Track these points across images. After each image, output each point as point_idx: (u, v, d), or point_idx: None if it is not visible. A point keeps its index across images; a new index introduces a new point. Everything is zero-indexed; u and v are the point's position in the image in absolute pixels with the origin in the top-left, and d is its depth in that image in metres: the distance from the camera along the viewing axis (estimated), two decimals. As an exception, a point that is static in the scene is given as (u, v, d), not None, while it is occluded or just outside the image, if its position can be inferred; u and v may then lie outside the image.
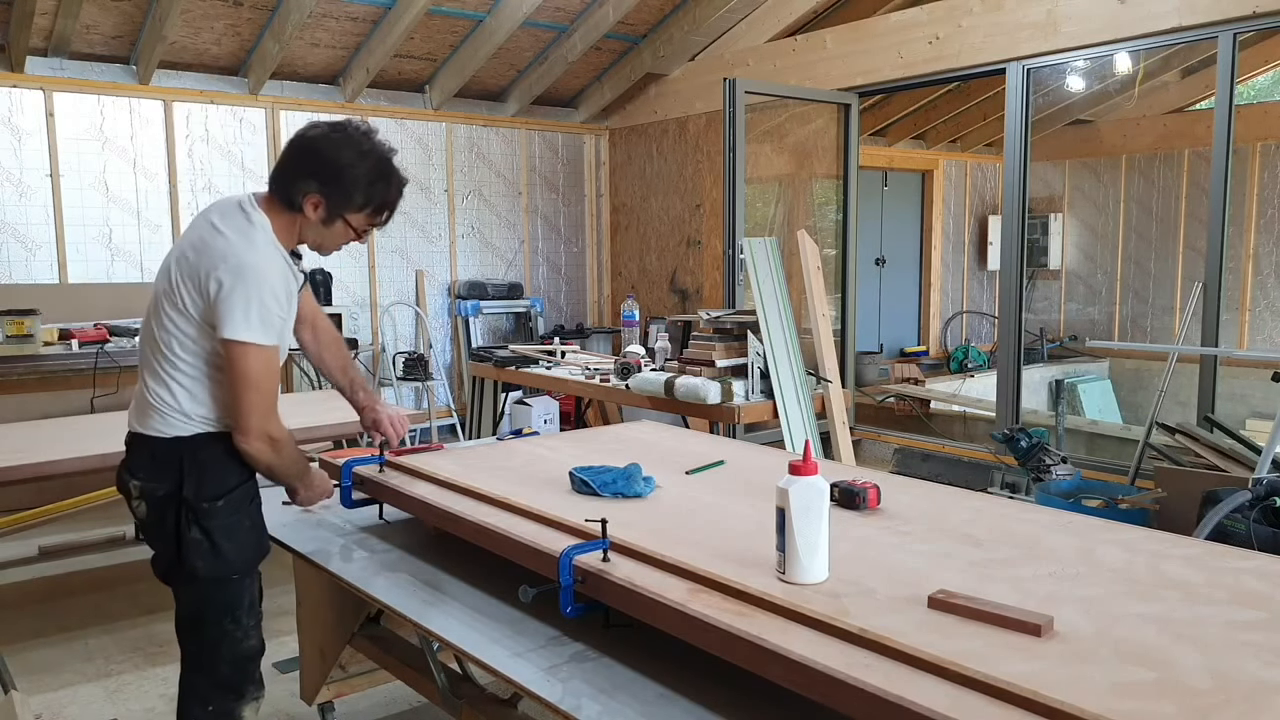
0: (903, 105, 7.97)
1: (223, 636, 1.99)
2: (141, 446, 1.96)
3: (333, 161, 1.88)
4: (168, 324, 1.88)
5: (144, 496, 1.95)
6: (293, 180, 1.90)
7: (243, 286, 1.81)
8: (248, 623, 2.02)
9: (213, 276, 1.82)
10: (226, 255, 1.83)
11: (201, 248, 1.86)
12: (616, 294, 7.55)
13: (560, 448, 2.51)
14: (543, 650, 1.71)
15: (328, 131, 1.92)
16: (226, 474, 1.95)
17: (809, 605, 1.39)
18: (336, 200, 1.90)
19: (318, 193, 1.89)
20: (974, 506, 1.94)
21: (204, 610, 1.99)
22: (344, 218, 1.93)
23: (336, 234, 1.97)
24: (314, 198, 1.90)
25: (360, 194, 1.91)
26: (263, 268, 1.84)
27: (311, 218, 1.92)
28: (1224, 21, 4.29)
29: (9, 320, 4.20)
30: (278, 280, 1.87)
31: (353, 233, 1.97)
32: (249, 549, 2.00)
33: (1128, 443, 5.67)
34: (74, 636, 3.45)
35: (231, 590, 1.98)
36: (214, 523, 1.92)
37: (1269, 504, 2.96)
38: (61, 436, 3.35)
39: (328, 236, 1.97)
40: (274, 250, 1.89)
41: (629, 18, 6.15)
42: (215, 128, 5.85)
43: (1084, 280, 9.13)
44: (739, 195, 5.41)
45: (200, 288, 1.83)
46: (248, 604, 2.02)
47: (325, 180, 1.88)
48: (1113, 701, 1.10)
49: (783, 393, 3.78)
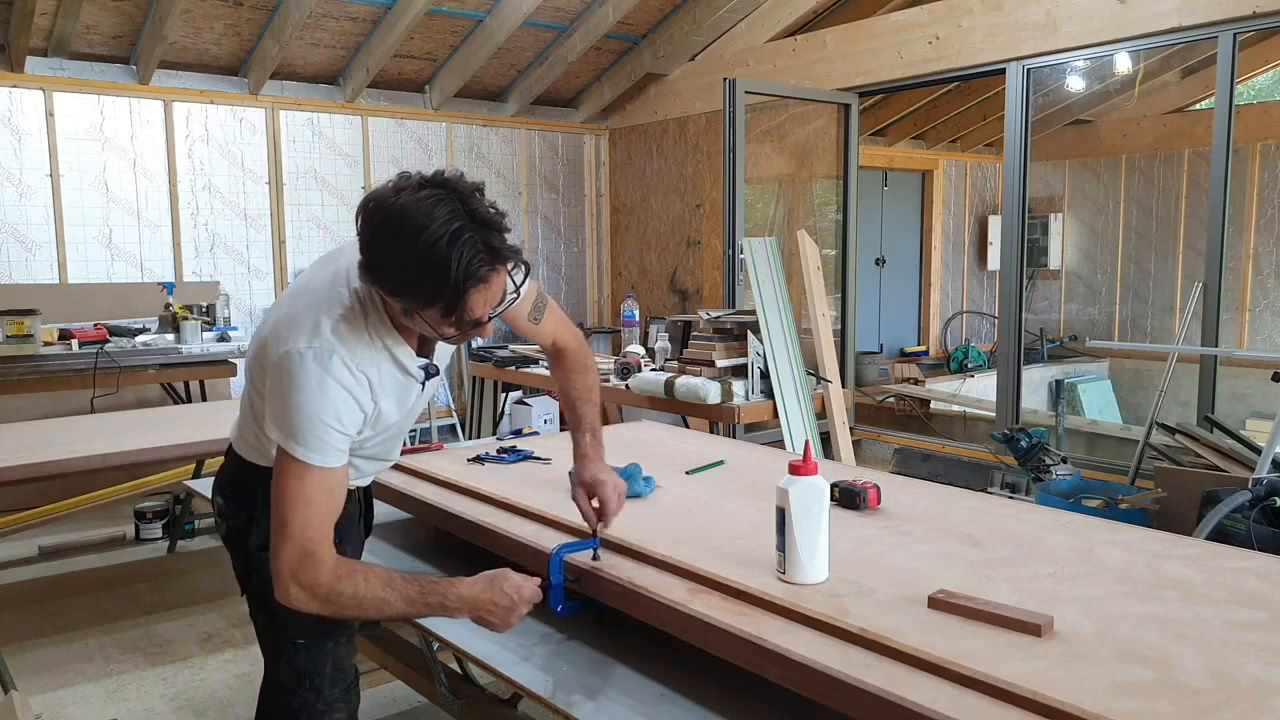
0: (903, 105, 7.97)
1: (301, 706, 1.68)
2: (230, 462, 1.75)
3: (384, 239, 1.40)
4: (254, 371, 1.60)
5: (224, 518, 1.74)
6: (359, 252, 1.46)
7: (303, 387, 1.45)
8: (331, 692, 1.69)
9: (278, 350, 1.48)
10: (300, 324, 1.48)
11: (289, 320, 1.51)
12: (616, 294, 7.55)
13: (560, 448, 2.51)
14: (542, 650, 1.71)
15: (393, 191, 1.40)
16: None
17: (809, 605, 1.39)
18: (395, 295, 1.45)
19: (375, 284, 1.46)
20: (974, 506, 1.94)
21: (277, 670, 1.70)
22: (420, 315, 1.45)
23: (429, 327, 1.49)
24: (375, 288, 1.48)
25: (416, 286, 1.39)
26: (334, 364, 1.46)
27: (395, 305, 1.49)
28: (1224, 21, 4.29)
29: (9, 320, 4.20)
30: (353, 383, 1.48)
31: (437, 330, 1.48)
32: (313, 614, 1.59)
33: (1128, 443, 5.67)
34: (74, 636, 3.45)
35: (306, 655, 1.67)
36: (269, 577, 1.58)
37: (1269, 504, 2.96)
38: (61, 436, 3.34)
39: (422, 326, 1.49)
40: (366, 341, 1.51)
41: (629, 18, 6.15)
42: (215, 128, 5.85)
43: (1084, 280, 9.13)
44: (739, 195, 5.41)
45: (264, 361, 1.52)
46: (329, 670, 1.68)
47: (374, 272, 1.43)
48: (1113, 701, 1.10)
49: (783, 393, 3.78)
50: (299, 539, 1.45)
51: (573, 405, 1.90)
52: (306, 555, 1.45)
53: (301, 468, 1.45)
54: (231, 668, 3.17)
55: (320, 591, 1.46)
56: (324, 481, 1.47)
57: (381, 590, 1.49)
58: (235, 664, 3.20)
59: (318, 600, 1.47)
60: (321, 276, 1.57)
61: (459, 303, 1.39)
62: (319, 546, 1.46)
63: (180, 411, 4.24)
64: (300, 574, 1.45)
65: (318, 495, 1.46)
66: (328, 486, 1.48)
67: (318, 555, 1.46)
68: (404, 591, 1.51)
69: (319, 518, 1.47)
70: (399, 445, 1.82)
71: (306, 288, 1.57)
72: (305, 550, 1.45)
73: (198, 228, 5.83)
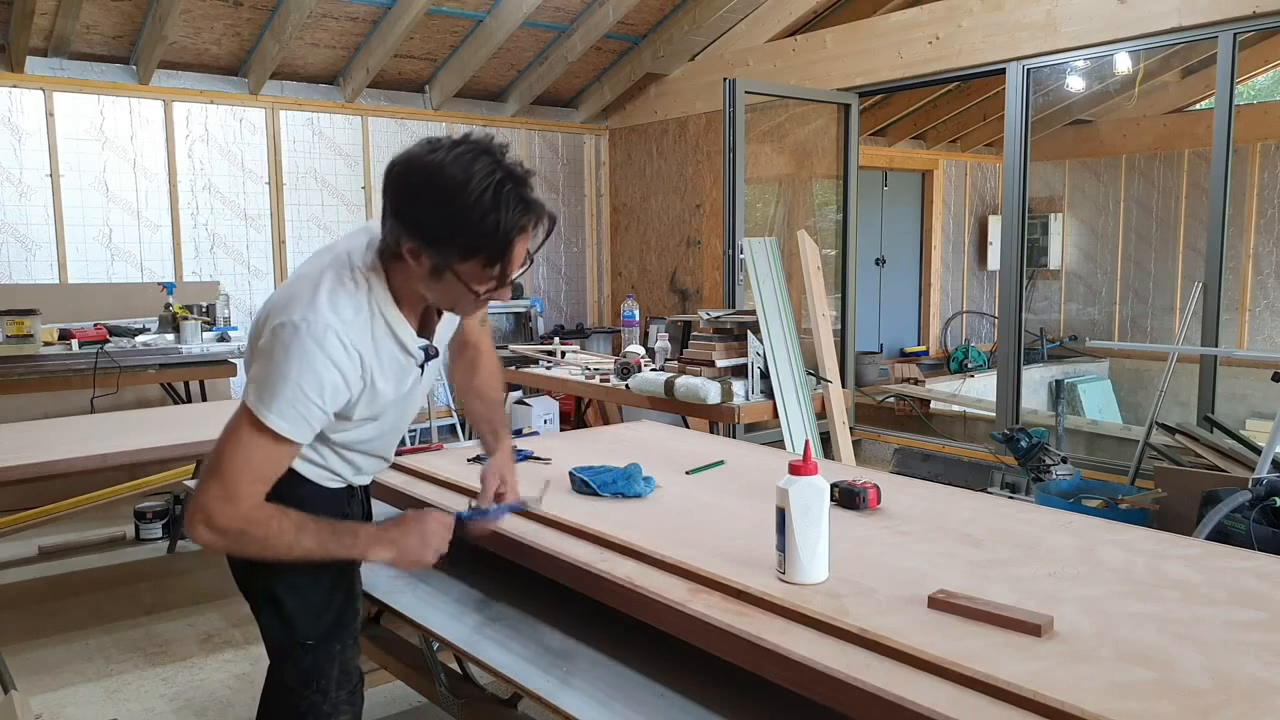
0: (903, 105, 7.97)
1: (308, 708, 1.66)
2: None
3: (426, 205, 1.40)
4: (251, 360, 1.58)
5: None
6: (390, 222, 1.46)
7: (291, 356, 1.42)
8: (337, 694, 1.68)
9: (271, 320, 1.47)
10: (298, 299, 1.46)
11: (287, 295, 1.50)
12: (616, 294, 7.55)
13: (560, 448, 2.51)
14: (542, 650, 1.71)
15: (427, 151, 1.41)
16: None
17: (809, 605, 1.39)
18: (433, 246, 1.42)
19: (412, 238, 1.43)
20: (974, 506, 1.94)
21: (282, 673, 1.69)
22: (453, 270, 1.43)
23: (452, 291, 1.48)
24: (409, 244, 1.44)
25: (464, 236, 1.39)
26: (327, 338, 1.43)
27: (416, 270, 1.46)
28: (1224, 21, 4.29)
29: (9, 320, 4.19)
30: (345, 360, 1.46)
31: (469, 289, 1.46)
32: (326, 613, 1.64)
33: (1128, 443, 5.67)
34: (74, 636, 3.45)
35: (313, 657, 1.66)
36: (279, 581, 1.60)
37: (1269, 504, 2.96)
38: (61, 436, 3.34)
39: (443, 294, 1.50)
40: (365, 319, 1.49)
41: (629, 18, 6.15)
42: (215, 127, 5.85)
43: (1084, 280, 9.13)
44: (739, 195, 5.41)
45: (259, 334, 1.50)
46: (336, 672, 1.67)
47: (414, 220, 1.42)
48: (1113, 701, 1.10)
49: (783, 393, 3.78)
50: (228, 483, 1.43)
51: (492, 403, 1.95)
52: (228, 500, 1.43)
53: (262, 430, 1.43)
54: (231, 668, 3.17)
55: (228, 535, 1.45)
56: (277, 451, 1.46)
57: (293, 534, 1.48)
58: (235, 664, 3.20)
59: (224, 539, 1.46)
60: (319, 262, 1.56)
61: (505, 252, 1.41)
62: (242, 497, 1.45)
63: (180, 411, 4.24)
64: (215, 515, 1.43)
65: (265, 461, 1.46)
66: (277, 457, 1.47)
67: (238, 495, 1.44)
68: (316, 533, 1.50)
69: (254, 478, 1.46)
70: (396, 441, 1.81)
71: (304, 274, 1.55)
72: (229, 495, 1.43)
73: (198, 228, 5.83)
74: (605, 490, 2.03)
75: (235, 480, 1.44)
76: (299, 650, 1.65)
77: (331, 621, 1.66)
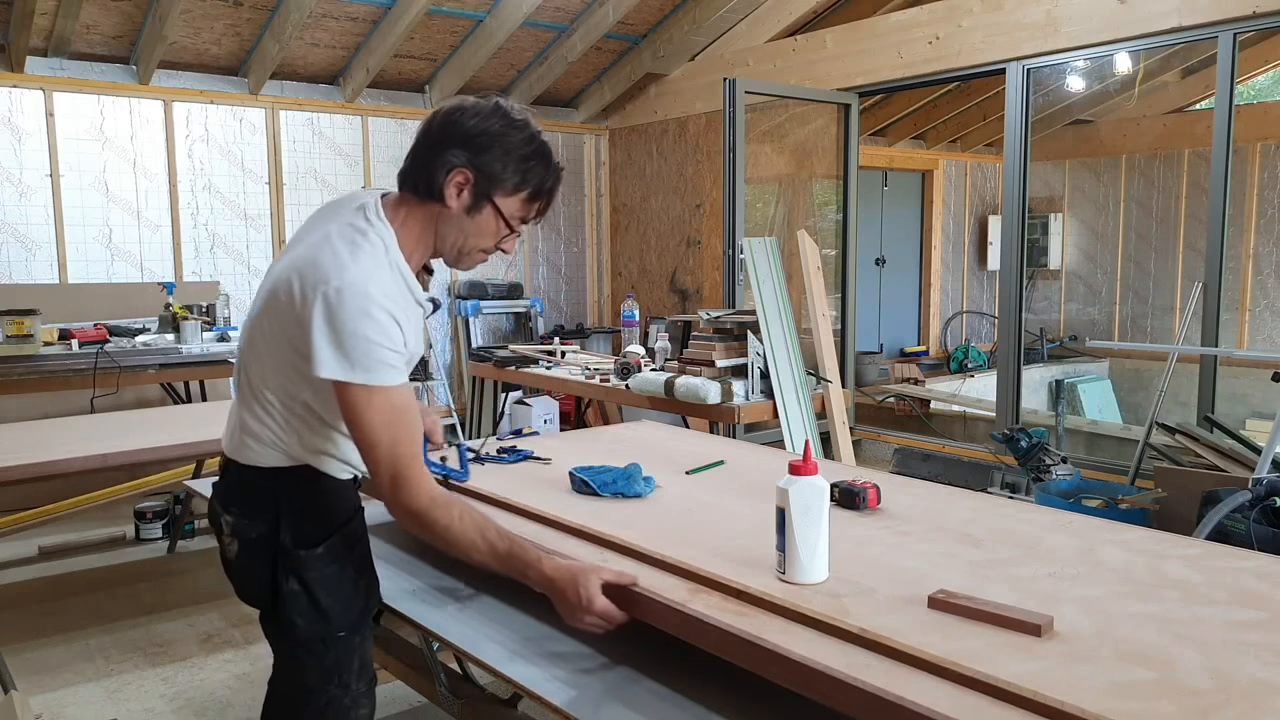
0: (903, 105, 7.97)
1: (328, 703, 1.68)
2: (235, 476, 1.68)
3: (484, 129, 1.57)
4: (261, 347, 1.60)
5: (236, 536, 1.66)
6: (436, 155, 1.57)
7: (337, 315, 1.47)
8: (358, 687, 1.71)
9: (308, 298, 1.49)
10: (327, 275, 1.50)
11: (305, 261, 1.53)
12: (616, 294, 7.55)
13: (559, 448, 2.51)
14: (542, 650, 1.71)
15: (476, 101, 1.61)
16: (327, 515, 1.65)
17: (809, 605, 1.39)
18: (487, 175, 1.56)
19: (466, 166, 1.55)
20: (974, 506, 1.94)
21: (305, 672, 1.68)
22: (494, 202, 1.58)
23: (484, 228, 1.61)
24: (461, 173, 1.56)
25: (514, 169, 1.58)
26: (371, 289, 1.49)
27: (454, 206, 1.58)
28: (1224, 21, 4.29)
29: (9, 320, 4.19)
30: (383, 309, 1.51)
31: (503, 225, 1.61)
32: (355, 601, 1.69)
33: (1128, 443, 5.67)
34: (74, 636, 3.45)
35: (338, 650, 1.68)
36: (313, 574, 1.62)
37: (1269, 504, 2.96)
38: (61, 436, 3.34)
39: (472, 233, 1.61)
40: (388, 273, 1.55)
41: (629, 18, 6.15)
42: (215, 127, 5.85)
43: (1084, 280, 9.13)
44: (739, 195, 5.41)
45: (295, 310, 1.52)
46: (357, 665, 1.71)
47: (476, 149, 1.55)
48: (1113, 701, 1.10)
49: (783, 393, 3.78)
50: (388, 464, 1.52)
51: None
52: (398, 478, 1.52)
53: (368, 393, 1.49)
54: (231, 668, 3.17)
55: (416, 517, 1.54)
56: (393, 399, 1.52)
57: (473, 534, 1.57)
58: (235, 664, 3.20)
59: (416, 524, 1.56)
60: (327, 225, 1.60)
61: (552, 190, 1.64)
62: (408, 468, 1.53)
63: (180, 411, 4.24)
64: (398, 498, 1.53)
65: (392, 415, 1.51)
66: (400, 404, 1.53)
67: (408, 477, 1.53)
68: (494, 544, 1.58)
69: (402, 436, 1.52)
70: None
71: (318, 239, 1.58)
72: (396, 473, 1.52)
73: (198, 228, 5.84)
74: (605, 490, 2.03)
75: (391, 450, 1.52)
76: (325, 645, 1.67)
77: (360, 610, 1.71)
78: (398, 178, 1.64)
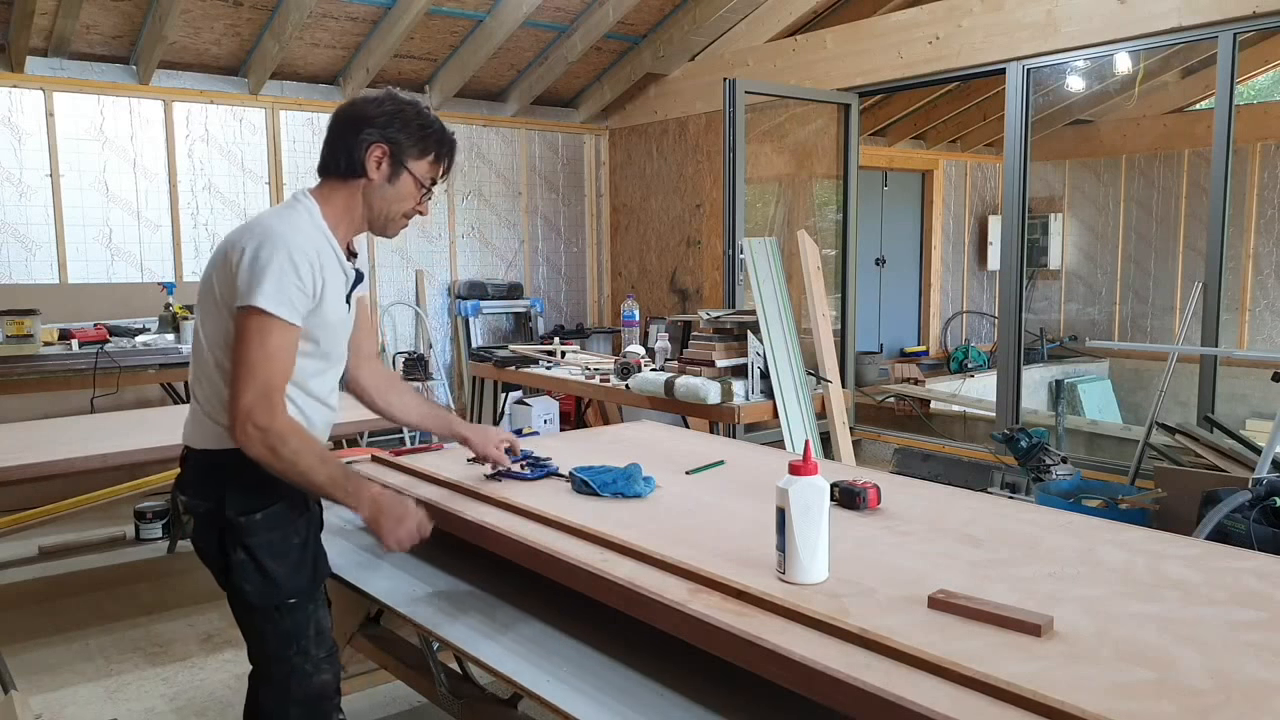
0: (903, 105, 7.97)
1: (290, 671, 1.78)
2: (190, 461, 1.83)
3: (385, 110, 1.80)
4: (206, 323, 1.75)
5: (191, 514, 1.82)
6: (351, 137, 1.79)
7: (266, 251, 1.66)
8: (317, 653, 1.80)
9: (236, 247, 1.69)
10: (254, 227, 1.72)
11: (240, 230, 1.75)
12: (616, 294, 7.55)
13: (560, 448, 2.50)
14: (542, 650, 1.71)
15: (369, 91, 1.86)
16: (268, 486, 1.73)
17: (809, 605, 1.39)
18: (398, 145, 1.79)
19: (380, 139, 1.78)
20: (974, 506, 1.94)
21: (264, 641, 1.80)
22: (407, 167, 1.81)
23: (404, 192, 1.83)
24: (379, 147, 1.78)
25: (418, 137, 1.81)
26: (291, 235, 1.70)
27: (375, 176, 1.80)
28: (1224, 21, 4.29)
29: (9, 320, 4.19)
30: (309, 249, 1.71)
31: (419, 187, 1.84)
32: (302, 570, 1.79)
33: (1128, 443, 5.67)
34: (74, 636, 3.45)
35: (293, 617, 1.78)
36: (255, 540, 1.74)
37: (1269, 504, 2.96)
38: (61, 436, 3.35)
39: (394, 198, 1.83)
40: (314, 229, 1.77)
41: (629, 18, 6.15)
42: (215, 127, 5.85)
43: (1084, 280, 9.13)
44: (739, 195, 5.41)
45: (228, 267, 1.70)
46: (313, 632, 1.80)
47: (383, 126, 1.78)
48: (1113, 701, 1.10)
49: (783, 393, 3.78)
50: (261, 384, 1.63)
51: (425, 399, 2.29)
52: (265, 398, 1.63)
53: (267, 321, 1.64)
54: (231, 668, 3.17)
55: (271, 435, 1.64)
56: (286, 337, 1.67)
57: (317, 459, 1.70)
58: (235, 664, 3.20)
59: (268, 442, 1.64)
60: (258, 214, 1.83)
61: (449, 155, 1.87)
62: (277, 395, 1.66)
63: (180, 411, 4.22)
64: (256, 415, 1.63)
65: (280, 350, 1.66)
66: (289, 343, 1.69)
67: (274, 402, 1.65)
68: (331, 469, 1.73)
69: (280, 369, 1.67)
70: (336, 384, 1.92)
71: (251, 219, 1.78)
72: (265, 394, 1.64)
73: (198, 228, 5.83)
74: (605, 490, 2.03)
75: (268, 376, 1.64)
76: (278, 613, 1.77)
77: (308, 578, 1.80)
78: (317, 170, 1.84)
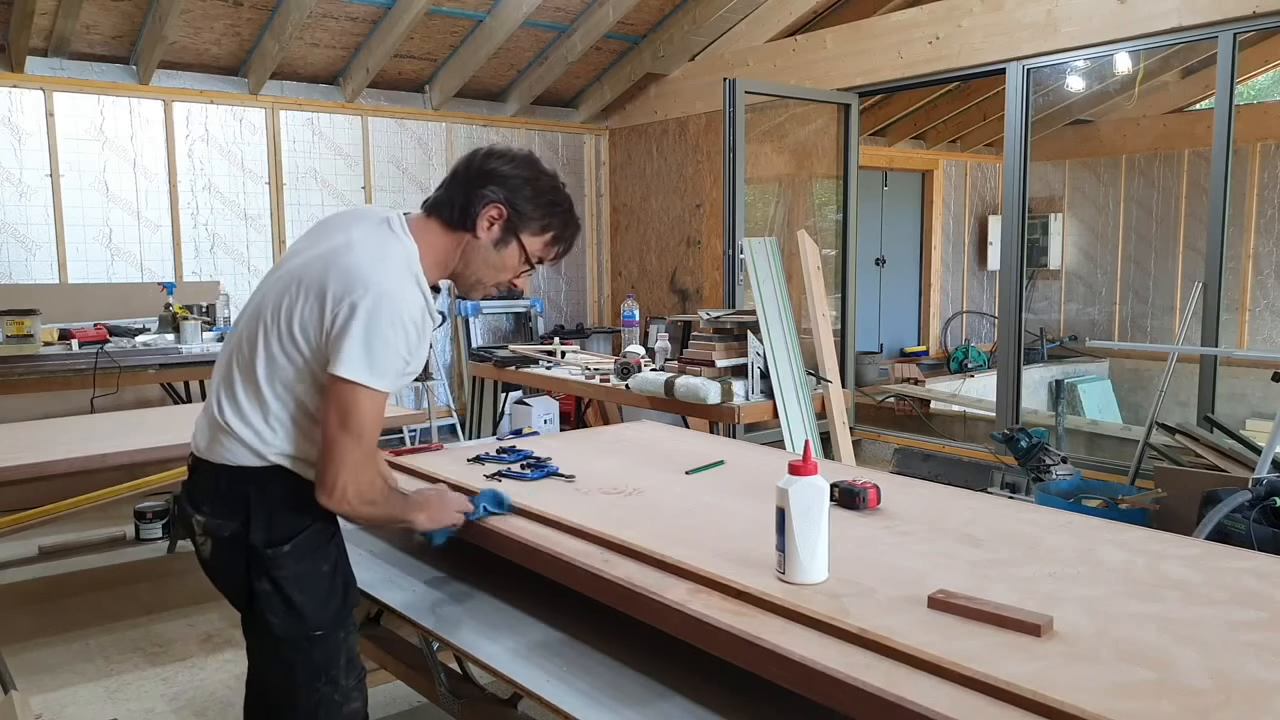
0: (903, 105, 7.96)
1: (319, 702, 1.70)
2: (206, 476, 1.70)
3: (518, 173, 1.73)
4: (270, 344, 1.63)
5: (208, 535, 1.69)
6: (474, 188, 1.70)
7: (380, 324, 1.56)
8: (347, 683, 1.73)
9: (345, 302, 1.57)
10: (366, 281, 1.58)
11: (332, 263, 1.61)
12: (616, 294, 7.55)
13: (560, 448, 2.50)
14: (542, 649, 1.71)
15: (512, 148, 1.79)
16: (296, 514, 1.67)
17: (809, 605, 1.39)
18: (519, 212, 1.72)
19: (502, 203, 1.70)
20: (974, 506, 1.94)
21: (292, 671, 1.70)
22: (520, 239, 1.73)
23: (507, 261, 1.75)
24: (495, 209, 1.70)
25: (542, 212, 1.74)
26: (401, 299, 1.60)
27: (483, 237, 1.72)
28: (1224, 21, 4.29)
29: (9, 320, 4.19)
30: (413, 321, 1.62)
31: (524, 260, 1.76)
32: (331, 600, 1.71)
33: (1128, 443, 5.67)
34: (74, 636, 3.45)
35: (323, 647, 1.70)
36: (283, 572, 1.65)
37: (1269, 504, 2.96)
38: (61, 436, 3.34)
39: (494, 264, 1.75)
40: (414, 284, 1.65)
41: (629, 18, 6.14)
42: (215, 127, 5.85)
43: (1084, 280, 9.13)
44: (739, 195, 5.41)
45: (323, 312, 1.59)
46: (344, 661, 1.73)
47: (511, 189, 1.71)
48: (1113, 701, 1.10)
49: (783, 393, 3.78)
50: (363, 455, 1.61)
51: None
52: (365, 470, 1.62)
53: (372, 395, 1.59)
54: (231, 668, 3.17)
55: (363, 503, 1.64)
56: (382, 404, 1.65)
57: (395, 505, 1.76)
58: (235, 664, 3.20)
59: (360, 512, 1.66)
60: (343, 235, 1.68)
61: (570, 235, 1.82)
62: (372, 460, 1.65)
63: (180, 411, 4.24)
64: (361, 473, 1.61)
65: (378, 419, 1.64)
66: (384, 407, 1.66)
67: (371, 470, 1.65)
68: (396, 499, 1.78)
69: (376, 435, 1.65)
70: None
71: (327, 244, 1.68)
72: (366, 464, 1.62)
73: (198, 228, 5.83)
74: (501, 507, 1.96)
75: (369, 446, 1.63)
76: (307, 643, 1.69)
77: (337, 608, 1.73)
78: (426, 205, 1.75)
